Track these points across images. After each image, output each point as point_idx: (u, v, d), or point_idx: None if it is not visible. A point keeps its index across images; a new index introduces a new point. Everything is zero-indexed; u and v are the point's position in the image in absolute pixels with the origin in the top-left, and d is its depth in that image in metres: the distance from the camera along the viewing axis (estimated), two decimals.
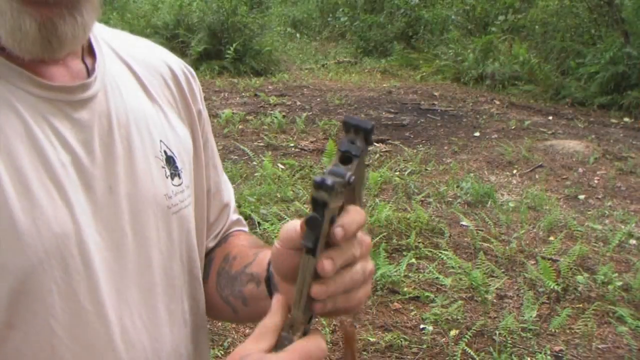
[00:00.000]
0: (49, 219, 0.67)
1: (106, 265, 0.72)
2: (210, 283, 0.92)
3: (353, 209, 0.63)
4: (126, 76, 0.84)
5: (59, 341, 0.68)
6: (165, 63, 0.91)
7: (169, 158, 0.83)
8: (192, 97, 0.92)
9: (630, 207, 4.63)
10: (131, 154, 0.78)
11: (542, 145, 6.00)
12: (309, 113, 6.85)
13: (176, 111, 0.89)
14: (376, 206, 4.26)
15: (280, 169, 5.00)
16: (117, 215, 0.75)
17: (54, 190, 0.69)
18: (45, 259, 0.67)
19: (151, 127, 0.82)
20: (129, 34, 0.94)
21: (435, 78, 9.38)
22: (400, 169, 5.25)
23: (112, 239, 0.74)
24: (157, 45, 0.96)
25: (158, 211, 0.79)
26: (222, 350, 2.84)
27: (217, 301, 0.91)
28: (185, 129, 0.89)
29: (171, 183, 0.82)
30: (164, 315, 0.80)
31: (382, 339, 2.91)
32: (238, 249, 0.92)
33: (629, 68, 7.38)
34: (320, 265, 0.59)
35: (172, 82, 0.90)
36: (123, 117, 0.79)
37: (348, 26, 12.45)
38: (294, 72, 9.79)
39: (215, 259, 0.94)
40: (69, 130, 0.72)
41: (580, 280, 3.42)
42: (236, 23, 9.41)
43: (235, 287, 0.86)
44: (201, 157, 0.92)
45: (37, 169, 0.68)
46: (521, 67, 8.44)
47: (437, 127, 6.70)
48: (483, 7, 10.18)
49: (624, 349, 2.90)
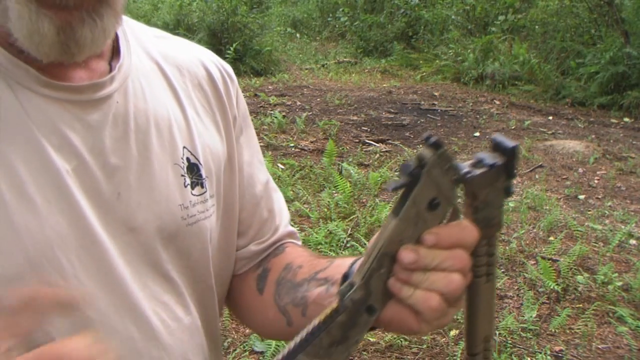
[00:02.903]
0: (41, 223, 0.65)
1: (109, 272, 0.71)
2: (267, 294, 0.88)
3: (463, 223, 0.60)
4: (154, 76, 0.80)
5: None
6: (202, 63, 0.87)
7: (191, 165, 0.80)
8: (228, 101, 0.88)
9: (630, 207, 4.62)
10: (147, 160, 0.75)
11: (542, 145, 6.00)
12: (309, 113, 6.85)
13: (210, 115, 0.85)
14: (376, 206, 4.26)
15: (280, 169, 4.99)
16: (123, 223, 0.72)
17: (51, 196, 0.67)
18: (35, 262, 0.65)
19: (174, 132, 0.79)
20: (165, 32, 0.90)
21: (435, 78, 9.37)
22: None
23: (116, 245, 0.71)
24: (194, 45, 0.92)
25: (168, 221, 0.76)
26: (222, 350, 2.84)
27: (271, 312, 0.87)
28: (218, 134, 0.85)
29: (190, 192, 0.79)
30: (170, 324, 0.77)
31: (382, 339, 2.91)
32: (303, 258, 0.88)
33: (629, 68, 7.38)
34: (401, 253, 0.58)
35: (207, 84, 0.86)
36: (142, 120, 0.75)
37: (348, 26, 12.45)
38: (294, 72, 9.79)
39: (273, 269, 0.90)
40: (76, 133, 0.69)
41: (580, 280, 3.42)
42: (236, 23, 9.42)
43: (299, 294, 0.82)
44: (234, 164, 0.88)
45: (36, 175, 0.66)
46: (521, 67, 8.44)
47: (437, 127, 6.70)
48: (483, 7, 10.17)
49: (624, 349, 2.90)
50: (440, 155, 0.56)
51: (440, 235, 0.59)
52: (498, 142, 0.60)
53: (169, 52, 0.84)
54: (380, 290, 0.60)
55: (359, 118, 6.83)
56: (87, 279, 0.69)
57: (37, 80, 0.68)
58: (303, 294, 0.81)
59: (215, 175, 0.84)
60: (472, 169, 0.59)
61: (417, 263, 0.58)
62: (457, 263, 0.60)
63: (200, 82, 0.86)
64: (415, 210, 0.57)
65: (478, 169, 0.59)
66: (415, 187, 0.56)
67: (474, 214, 0.61)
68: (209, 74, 0.87)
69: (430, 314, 0.60)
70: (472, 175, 0.58)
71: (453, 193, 0.58)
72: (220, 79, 0.88)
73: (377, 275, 0.59)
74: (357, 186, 4.64)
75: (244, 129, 0.92)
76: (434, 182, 0.57)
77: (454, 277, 0.60)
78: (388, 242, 0.58)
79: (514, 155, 0.60)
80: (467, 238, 0.60)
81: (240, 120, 0.91)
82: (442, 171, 0.57)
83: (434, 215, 0.58)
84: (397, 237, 0.58)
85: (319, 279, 0.80)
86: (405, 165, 0.56)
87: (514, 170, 0.60)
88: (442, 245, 0.59)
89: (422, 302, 0.60)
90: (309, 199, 4.41)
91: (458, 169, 0.58)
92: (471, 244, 0.61)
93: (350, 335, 0.60)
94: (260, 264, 0.92)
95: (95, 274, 0.69)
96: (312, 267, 0.84)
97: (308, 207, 4.26)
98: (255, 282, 0.90)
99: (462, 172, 0.58)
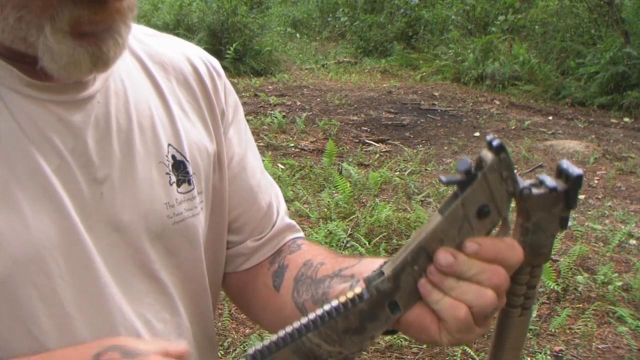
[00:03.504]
0: (27, 225, 0.65)
1: (92, 272, 0.70)
2: (284, 291, 0.86)
3: (510, 241, 0.58)
4: (137, 74, 0.81)
5: (41, 348, 0.66)
6: (187, 59, 0.87)
7: (177, 163, 0.79)
8: (215, 96, 0.87)
9: (630, 207, 4.62)
10: (130, 159, 0.75)
11: (542, 145, 5.99)
12: (309, 113, 6.85)
13: (197, 111, 0.85)
14: (376, 206, 4.26)
15: (280, 169, 4.99)
16: (108, 223, 0.72)
17: (35, 197, 0.67)
18: (22, 264, 0.65)
19: (158, 130, 0.79)
20: (153, 30, 0.90)
21: (435, 78, 9.37)
22: (400, 169, 5.25)
23: (101, 246, 0.71)
24: (180, 40, 0.92)
25: (154, 220, 0.76)
26: (222, 350, 2.84)
27: (288, 310, 0.85)
28: (206, 130, 0.85)
29: (176, 190, 0.79)
30: (157, 325, 0.77)
31: (382, 339, 2.91)
32: (324, 255, 0.86)
33: (629, 68, 7.37)
34: (439, 253, 0.56)
35: (193, 80, 0.86)
36: (124, 119, 0.76)
37: (348, 26, 12.45)
38: (294, 72, 9.79)
39: (291, 266, 0.87)
40: (58, 134, 0.69)
41: (580, 280, 3.42)
42: (236, 23, 9.41)
43: (320, 290, 0.79)
44: (224, 160, 0.87)
45: (19, 175, 0.66)
46: (521, 67, 8.44)
47: (437, 127, 6.70)
48: (483, 7, 10.17)
49: (624, 349, 2.90)
50: (501, 160, 0.53)
51: (484, 246, 0.56)
52: (564, 168, 0.56)
53: (154, 50, 0.84)
54: (408, 289, 0.57)
55: (359, 118, 6.83)
56: (72, 279, 0.68)
57: (20, 80, 0.68)
58: (324, 290, 0.78)
59: (203, 172, 0.83)
60: (531, 187, 0.56)
61: (453, 267, 0.56)
62: (494, 279, 0.57)
63: (187, 78, 0.85)
64: (463, 213, 0.55)
65: (537, 188, 0.56)
66: (468, 188, 0.54)
67: (522, 235, 0.58)
68: (195, 69, 0.87)
69: (455, 324, 0.58)
70: (530, 192, 0.55)
71: (506, 205, 0.55)
72: (207, 74, 0.88)
73: (409, 271, 0.57)
74: (357, 186, 4.64)
75: (234, 122, 0.91)
76: (489, 188, 0.54)
77: (488, 292, 0.57)
78: (429, 238, 0.56)
79: (578, 184, 0.56)
80: (511, 257, 0.57)
81: (230, 114, 0.90)
82: (500, 178, 0.54)
83: (481, 223, 0.56)
84: (439, 236, 0.56)
85: (345, 275, 0.77)
86: (462, 161, 0.53)
87: (575, 201, 0.56)
88: (483, 256, 0.56)
89: (449, 310, 0.57)
90: (309, 199, 4.41)
91: (517, 182, 0.55)
92: (514, 264, 0.58)
93: (368, 327, 0.57)
94: (273, 261, 0.91)
95: (79, 275, 0.69)
96: (337, 263, 0.81)
97: (308, 207, 4.26)
98: (272, 279, 0.88)
99: (521, 187, 0.55)
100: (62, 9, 0.63)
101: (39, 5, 0.62)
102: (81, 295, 0.69)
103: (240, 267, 0.92)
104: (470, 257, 0.56)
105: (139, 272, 0.75)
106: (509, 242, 0.58)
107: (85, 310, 0.69)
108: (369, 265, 0.74)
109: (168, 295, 0.79)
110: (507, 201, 0.55)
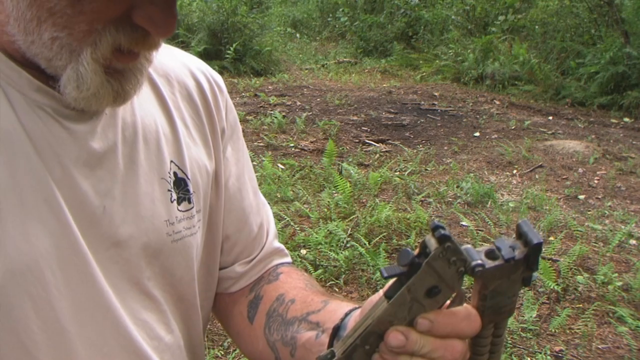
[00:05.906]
0: (26, 233, 0.64)
1: (91, 285, 0.69)
2: (257, 325, 0.86)
3: (465, 312, 0.56)
4: (144, 87, 0.79)
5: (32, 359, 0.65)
6: (191, 73, 0.86)
7: (178, 180, 0.78)
8: (217, 113, 0.86)
9: (630, 207, 4.62)
10: (133, 174, 0.73)
11: (542, 145, 5.99)
12: (309, 113, 6.85)
13: (199, 128, 0.84)
14: (376, 206, 4.26)
15: (280, 169, 4.99)
16: (107, 237, 0.71)
17: (36, 205, 0.65)
18: (19, 274, 0.63)
19: (162, 146, 0.77)
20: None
21: (435, 78, 9.37)
22: (400, 169, 5.25)
23: (99, 259, 0.70)
24: (184, 54, 0.90)
25: (153, 237, 0.75)
26: (222, 350, 2.84)
27: (261, 344, 0.84)
28: (206, 148, 0.84)
29: (176, 208, 0.77)
30: (148, 341, 0.76)
31: None
32: (297, 291, 0.85)
33: (629, 68, 7.37)
34: (389, 334, 0.54)
35: (196, 95, 0.84)
36: (130, 132, 0.74)
37: (348, 26, 12.45)
38: (294, 72, 9.79)
39: (265, 298, 0.87)
40: (63, 143, 0.68)
41: (580, 280, 3.42)
42: (236, 23, 9.41)
43: (289, 333, 0.79)
44: (221, 179, 0.85)
45: (21, 182, 0.65)
46: (521, 67, 8.44)
47: (437, 127, 6.70)
48: (483, 7, 10.17)
49: (624, 349, 2.90)
50: (446, 249, 0.52)
51: (436, 323, 0.55)
52: (523, 231, 0.54)
53: (158, 62, 0.82)
54: None
55: (359, 118, 6.83)
56: (68, 291, 0.67)
57: (30, 84, 0.67)
58: (293, 335, 0.78)
59: (202, 191, 0.82)
60: (486, 259, 0.54)
61: (405, 348, 0.54)
62: (448, 355, 0.56)
63: (190, 93, 0.84)
64: (411, 297, 0.53)
65: (492, 260, 0.54)
66: (412, 277, 0.52)
67: (481, 301, 0.56)
68: (199, 84, 0.85)
69: None
70: (482, 269, 0.53)
71: (458, 282, 0.54)
72: (209, 90, 0.86)
73: (361, 350, 0.56)
74: (357, 186, 4.64)
75: (232, 140, 0.90)
76: (436, 272, 0.53)
77: None
78: (377, 322, 0.55)
79: (537, 251, 0.53)
80: (466, 329, 0.56)
81: (229, 132, 0.89)
82: (448, 263, 0.52)
83: (432, 301, 0.54)
84: (387, 319, 0.54)
85: (311, 321, 0.77)
86: (405, 251, 0.52)
87: (537, 264, 0.54)
88: (436, 333, 0.55)
89: None
90: (309, 199, 4.41)
91: (466, 262, 0.53)
92: (470, 334, 0.56)
93: None
94: (252, 288, 0.90)
95: (76, 287, 0.68)
96: (305, 305, 0.80)
97: (308, 207, 4.26)
98: (247, 308, 0.88)
99: (472, 265, 0.53)
100: (105, 34, 0.61)
101: (83, 29, 0.61)
102: (77, 308, 0.68)
103: (229, 289, 0.92)
104: (424, 334, 0.55)
105: (134, 289, 0.74)
106: (464, 313, 0.56)
107: (80, 324, 0.68)
108: (333, 313, 0.74)
109: (162, 313, 0.78)
110: (459, 279, 0.54)
